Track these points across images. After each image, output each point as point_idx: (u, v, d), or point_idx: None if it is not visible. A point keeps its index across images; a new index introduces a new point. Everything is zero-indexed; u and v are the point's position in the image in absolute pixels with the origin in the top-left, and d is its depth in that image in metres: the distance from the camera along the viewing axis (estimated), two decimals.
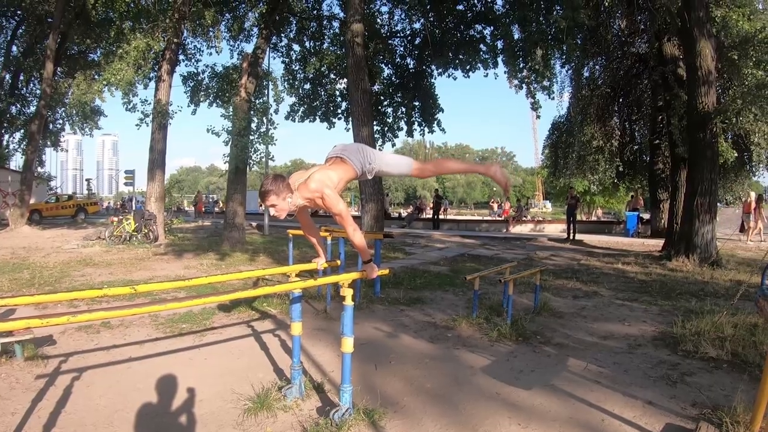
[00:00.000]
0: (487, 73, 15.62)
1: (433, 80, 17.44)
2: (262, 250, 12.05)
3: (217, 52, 17.19)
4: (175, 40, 14.32)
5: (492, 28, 15.27)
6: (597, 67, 16.74)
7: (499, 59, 15.33)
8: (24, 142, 20.92)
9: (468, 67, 15.81)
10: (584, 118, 16.08)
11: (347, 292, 2.88)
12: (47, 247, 12.88)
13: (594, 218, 31.51)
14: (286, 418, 3.04)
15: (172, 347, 4.60)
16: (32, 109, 19.67)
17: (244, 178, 15.81)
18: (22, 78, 20.37)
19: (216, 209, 35.52)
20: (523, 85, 14.48)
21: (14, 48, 19.65)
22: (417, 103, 17.46)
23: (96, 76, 17.51)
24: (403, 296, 6.88)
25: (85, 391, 3.46)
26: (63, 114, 22.23)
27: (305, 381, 3.53)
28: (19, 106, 20.54)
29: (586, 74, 16.58)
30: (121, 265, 9.93)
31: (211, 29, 15.75)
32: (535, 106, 14.51)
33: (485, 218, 29.68)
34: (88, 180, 43.38)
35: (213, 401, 3.31)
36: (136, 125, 16.20)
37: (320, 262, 3.38)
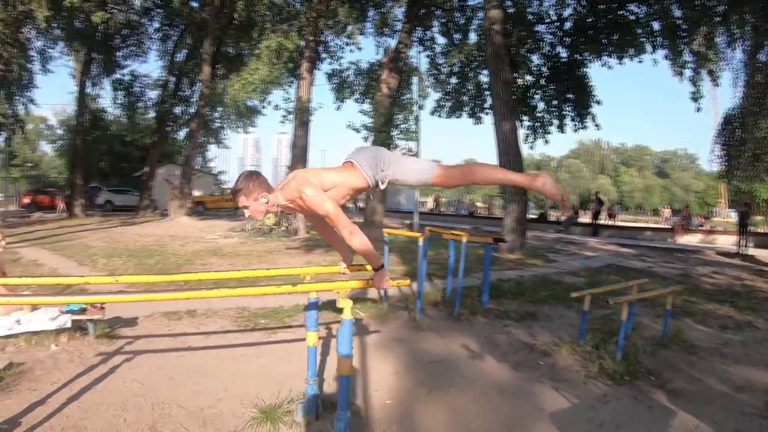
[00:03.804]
0: (642, 59, 14.21)
1: (586, 70, 16.39)
2: (398, 249, 11.99)
3: (358, 48, 17.99)
4: (311, 38, 15.23)
5: (647, 7, 13.73)
6: None
7: (657, 42, 13.83)
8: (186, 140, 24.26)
9: (621, 53, 14.42)
10: (760, 109, 13.41)
11: (345, 304, 2.59)
12: (192, 236, 14.63)
13: None
14: None
15: (234, 341, 4.78)
16: (194, 109, 22.67)
17: None
18: (185, 81, 23.81)
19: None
20: (685, 71, 12.74)
21: (179, 54, 23.09)
22: (570, 96, 16.31)
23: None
24: (515, 309, 6.33)
25: (127, 374, 3.74)
26: (222, 113, 25.27)
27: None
28: (183, 107, 24.02)
29: (762, 58, 13.85)
30: (247, 257, 10.79)
31: (350, 25, 16.45)
32: (696, 96, 12.65)
33: (649, 225, 27.25)
34: None
35: (230, 402, 3.32)
36: (280, 122, 17.80)
37: (342, 266, 3.14)
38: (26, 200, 28.46)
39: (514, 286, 7.79)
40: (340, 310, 5.98)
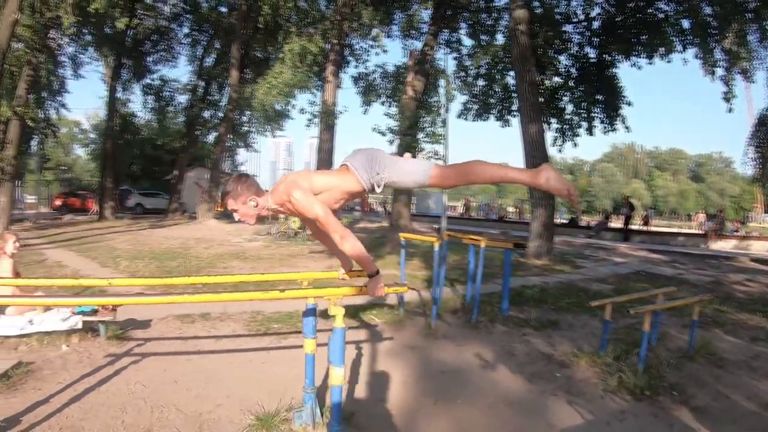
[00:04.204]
0: (671, 59, 14.06)
1: (616, 70, 16.17)
2: (421, 254, 11.94)
3: (383, 51, 18.12)
4: (334, 41, 15.36)
5: (676, 4, 13.67)
6: None
7: (687, 41, 13.85)
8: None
9: (650, 52, 14.18)
10: None
11: (336, 311, 2.54)
12: (217, 239, 14.84)
13: None
14: None
15: (244, 346, 4.81)
16: (223, 113, 23.13)
17: None
18: (214, 85, 24.55)
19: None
20: (716, 70, 12.47)
21: (208, 59, 23.70)
22: (600, 97, 16.02)
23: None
24: (536, 317, 6.13)
25: (132, 376, 3.81)
26: (250, 117, 25.67)
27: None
28: (212, 111, 24.76)
29: None
30: (269, 261, 10.88)
31: (375, 28, 16.54)
32: (728, 96, 12.28)
33: (681, 231, 27.21)
34: None
35: (230, 408, 3.33)
36: (306, 126, 17.96)
37: (341, 272, 3.10)
38: (58, 202, 29.44)
39: (538, 292, 7.62)
40: (352, 316, 6.01)
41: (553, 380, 4.17)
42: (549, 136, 16.41)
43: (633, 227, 23.85)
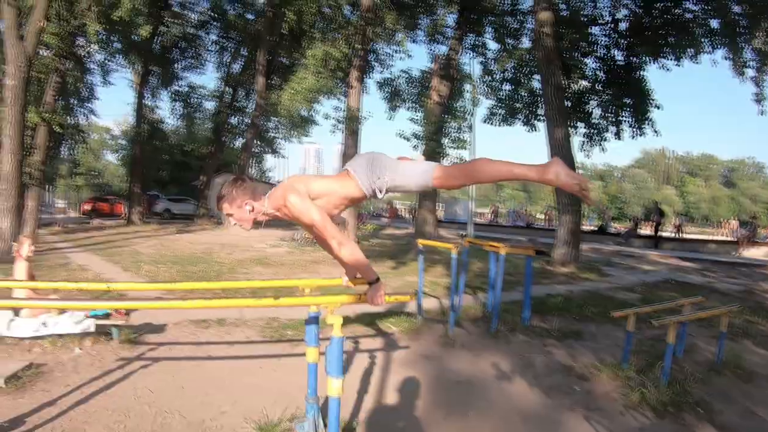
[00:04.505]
0: (699, 61, 13.84)
1: (644, 73, 15.82)
2: (446, 262, 11.84)
3: (408, 56, 18.23)
4: (358, 46, 15.41)
5: (704, 3, 13.48)
6: None
7: (716, 41, 13.70)
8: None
9: (679, 54, 13.92)
10: None
11: (334, 320, 2.48)
12: (242, 245, 14.99)
13: None
14: None
15: (256, 352, 4.80)
16: (250, 119, 23.50)
17: None
18: (241, 91, 25.03)
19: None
20: (746, 70, 12.26)
21: (235, 65, 24.20)
22: (628, 101, 15.68)
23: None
24: (558, 327, 5.98)
25: (141, 380, 3.85)
26: (277, 123, 26.00)
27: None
28: (239, 117, 25.19)
29: None
30: (290, 267, 10.92)
31: (399, 33, 16.57)
32: (759, 98, 12.01)
33: (713, 238, 27.06)
34: None
35: (234, 416, 3.32)
36: (330, 132, 18.17)
37: (344, 279, 3.04)
38: (87, 207, 30.21)
39: (561, 301, 7.43)
40: (369, 324, 5.95)
41: (571, 394, 4.04)
42: (576, 140, 16.12)
43: (664, 234, 23.58)
